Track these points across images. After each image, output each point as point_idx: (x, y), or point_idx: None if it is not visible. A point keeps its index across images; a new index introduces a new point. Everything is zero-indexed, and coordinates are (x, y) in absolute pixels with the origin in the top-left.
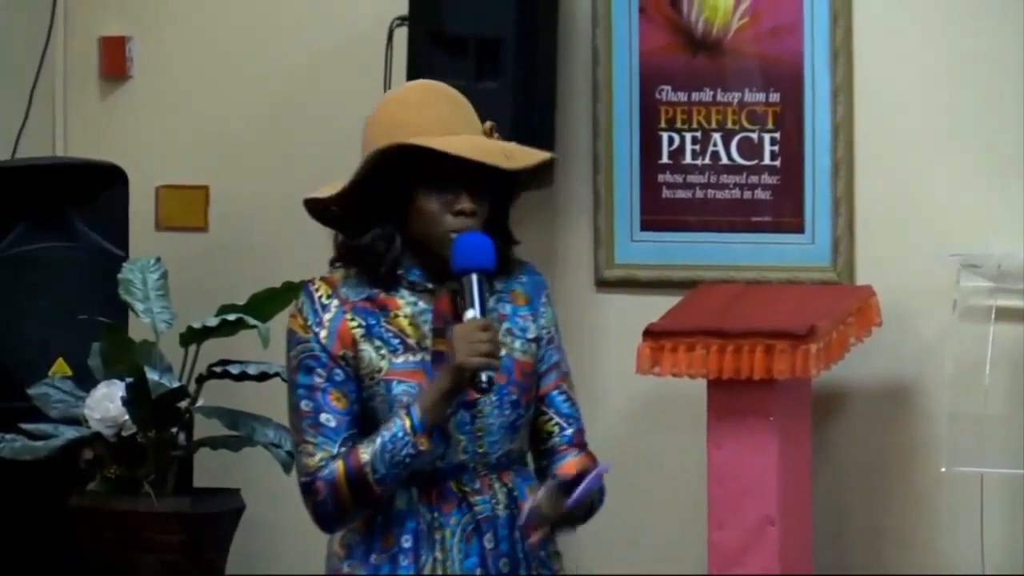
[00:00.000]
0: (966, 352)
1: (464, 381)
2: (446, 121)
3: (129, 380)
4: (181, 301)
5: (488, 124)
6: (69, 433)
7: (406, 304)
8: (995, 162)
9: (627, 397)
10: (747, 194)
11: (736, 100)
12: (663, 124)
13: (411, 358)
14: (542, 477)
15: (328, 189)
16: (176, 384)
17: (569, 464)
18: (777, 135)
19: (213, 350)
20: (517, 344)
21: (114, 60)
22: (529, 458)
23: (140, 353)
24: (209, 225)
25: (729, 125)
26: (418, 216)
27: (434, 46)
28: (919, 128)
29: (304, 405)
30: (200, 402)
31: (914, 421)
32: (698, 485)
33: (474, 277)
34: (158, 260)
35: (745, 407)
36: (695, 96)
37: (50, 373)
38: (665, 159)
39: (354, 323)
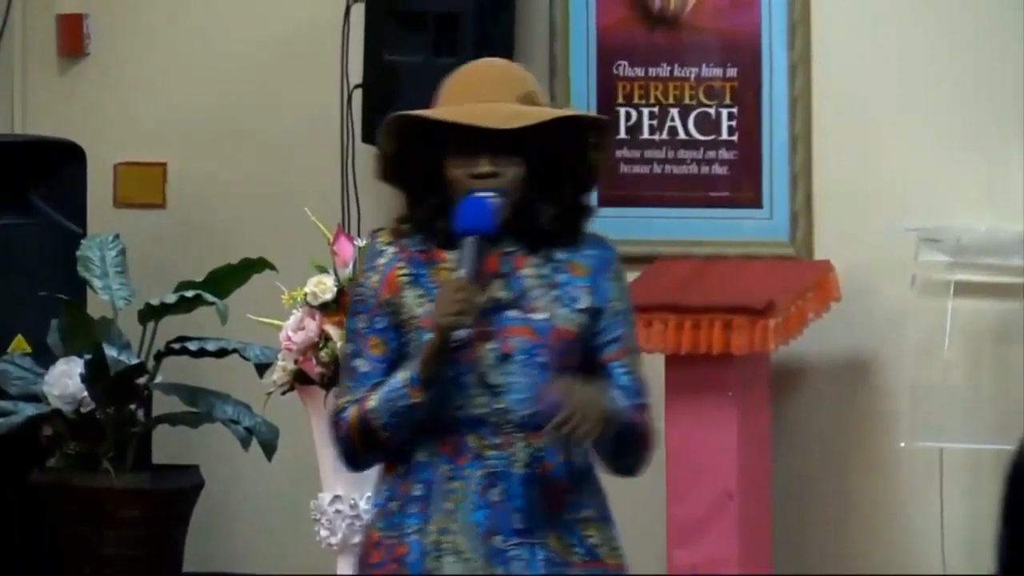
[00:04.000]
0: (925, 327)
1: (444, 338)
2: (476, 93)
3: (88, 357)
4: (139, 278)
5: (525, 91)
6: (28, 410)
7: (454, 260)
8: (955, 136)
9: None
10: (704, 169)
11: (693, 75)
12: (620, 99)
13: None
14: None
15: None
16: (135, 361)
17: None
18: (735, 110)
19: (171, 327)
20: (561, 311)
21: (72, 37)
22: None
23: (99, 330)
24: (167, 202)
25: (687, 100)
26: (450, 184)
27: (392, 22)
28: (877, 102)
29: (347, 348)
30: (159, 379)
31: (873, 396)
32: (656, 460)
33: (468, 240)
34: (116, 237)
35: (703, 382)
36: (652, 71)
37: (9, 350)
38: (623, 134)
39: (403, 270)
